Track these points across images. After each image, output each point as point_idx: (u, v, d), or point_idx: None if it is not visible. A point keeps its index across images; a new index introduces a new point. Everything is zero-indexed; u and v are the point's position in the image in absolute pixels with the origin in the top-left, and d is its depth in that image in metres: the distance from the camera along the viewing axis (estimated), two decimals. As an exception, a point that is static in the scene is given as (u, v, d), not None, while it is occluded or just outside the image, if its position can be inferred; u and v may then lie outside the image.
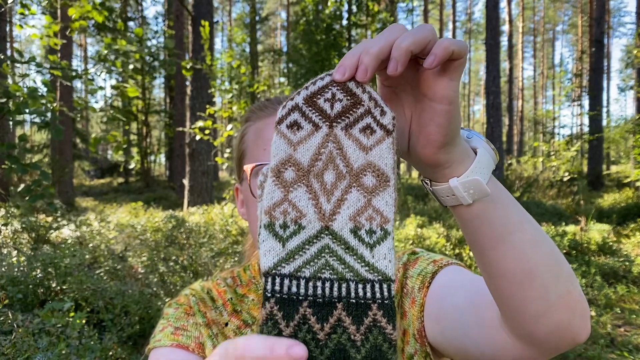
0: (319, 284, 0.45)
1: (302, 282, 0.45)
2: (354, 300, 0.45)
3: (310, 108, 0.48)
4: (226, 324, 0.86)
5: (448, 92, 0.48)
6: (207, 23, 5.76)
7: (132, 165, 18.95)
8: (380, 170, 0.47)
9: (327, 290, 0.45)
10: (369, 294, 0.45)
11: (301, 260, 0.46)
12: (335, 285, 0.45)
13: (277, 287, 0.45)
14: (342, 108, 0.48)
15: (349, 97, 0.47)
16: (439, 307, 0.72)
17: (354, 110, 0.48)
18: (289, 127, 0.48)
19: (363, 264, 0.45)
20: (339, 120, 0.48)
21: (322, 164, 0.47)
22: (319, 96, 0.48)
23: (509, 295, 0.55)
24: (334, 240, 0.46)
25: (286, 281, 0.45)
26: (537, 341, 0.56)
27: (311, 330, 0.43)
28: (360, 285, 0.45)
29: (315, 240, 0.46)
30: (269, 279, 0.45)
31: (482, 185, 0.52)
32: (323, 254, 0.46)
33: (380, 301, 0.45)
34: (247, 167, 0.80)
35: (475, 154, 0.55)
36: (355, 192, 0.47)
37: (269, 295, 0.44)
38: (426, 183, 0.58)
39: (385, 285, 0.45)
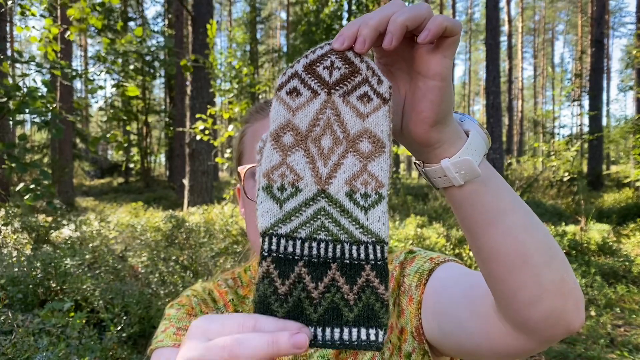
0: (314, 244, 0.47)
1: (298, 243, 0.47)
2: (347, 261, 0.46)
3: (309, 75, 0.49)
4: None
5: (441, 69, 0.49)
6: (214, 22, 5.76)
7: (131, 165, 18.94)
8: (376, 137, 0.48)
9: (322, 251, 0.46)
10: (362, 255, 0.46)
11: (297, 221, 0.47)
12: (330, 246, 0.47)
13: (273, 247, 0.46)
14: (340, 76, 0.49)
15: (347, 66, 0.49)
16: (435, 304, 0.72)
17: (352, 78, 0.49)
18: (289, 93, 0.49)
19: (357, 226, 0.47)
20: (337, 88, 0.49)
21: (319, 129, 0.48)
22: (318, 64, 0.49)
23: (502, 279, 0.55)
24: (330, 203, 0.48)
25: (282, 241, 0.47)
26: (531, 328, 0.56)
27: (305, 289, 0.45)
28: (354, 247, 0.47)
29: (311, 203, 0.48)
30: (266, 239, 0.46)
31: (473, 165, 0.53)
32: (319, 216, 0.47)
33: (373, 262, 0.46)
34: (242, 169, 0.81)
35: (468, 136, 0.55)
36: (351, 157, 0.48)
37: (266, 254, 0.46)
38: (419, 165, 0.58)
39: (378, 247, 0.47)
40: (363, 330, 0.44)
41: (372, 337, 0.44)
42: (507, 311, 0.57)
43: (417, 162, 0.59)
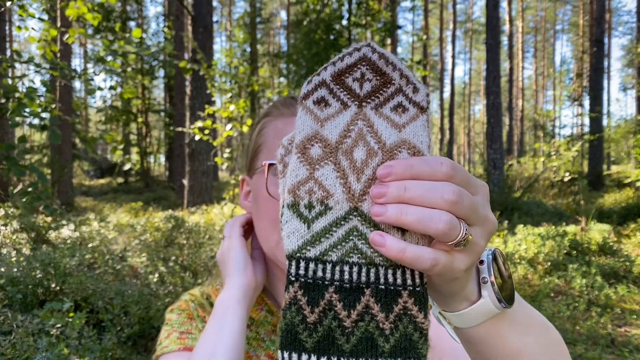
0: (346, 268, 0.43)
1: (329, 267, 0.43)
2: (383, 287, 0.42)
3: (338, 86, 0.46)
4: None
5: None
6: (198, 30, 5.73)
7: (127, 167, 18.85)
8: (416, 148, 0.44)
9: (354, 275, 0.43)
10: (399, 280, 0.43)
11: (327, 243, 0.43)
12: (364, 270, 0.43)
13: (301, 271, 0.43)
14: (371, 88, 0.45)
15: (378, 77, 0.45)
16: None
17: (384, 89, 0.45)
18: (316, 103, 0.45)
19: None
20: (368, 100, 0.45)
21: (351, 141, 0.44)
22: (347, 75, 0.46)
23: None
24: (364, 222, 0.43)
25: (311, 265, 0.43)
26: None
27: (337, 317, 0.42)
28: (390, 271, 0.43)
29: (342, 222, 0.43)
30: (293, 262, 0.43)
31: (458, 331, 0.54)
32: (351, 237, 0.43)
33: (411, 288, 0.43)
34: (267, 162, 0.76)
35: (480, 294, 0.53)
36: None
37: (293, 279, 0.42)
38: None
39: (417, 272, 0.43)
40: None
41: None
42: None
43: None
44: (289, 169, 0.44)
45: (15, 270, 3.67)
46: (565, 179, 12.23)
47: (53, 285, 3.59)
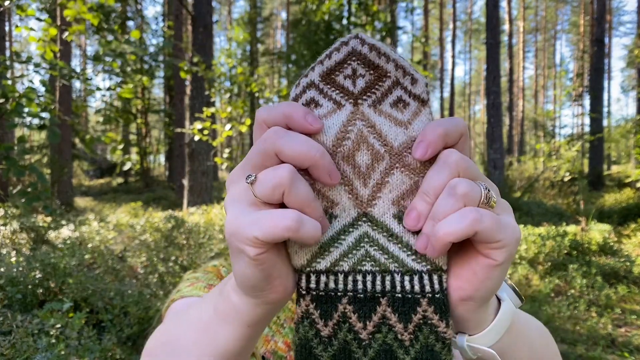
0: (359, 277, 0.40)
1: (341, 277, 0.40)
2: (399, 295, 0.39)
3: (328, 86, 0.41)
4: None
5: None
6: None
7: (127, 167, 18.82)
8: None
9: (368, 285, 0.40)
10: (417, 287, 0.40)
11: (337, 252, 0.40)
12: (378, 278, 0.40)
13: (312, 284, 0.40)
14: (365, 84, 0.41)
15: (372, 71, 0.41)
16: None
17: (380, 84, 0.41)
18: (306, 105, 0.41)
19: (409, 253, 0.40)
20: (364, 97, 0.41)
21: (351, 143, 0.40)
22: (337, 73, 0.41)
23: None
24: (374, 227, 0.40)
25: (322, 277, 0.40)
26: None
27: (352, 329, 0.39)
28: (406, 277, 0.40)
29: (351, 229, 0.40)
30: (303, 276, 0.40)
31: (494, 356, 0.48)
32: (362, 244, 0.40)
33: (430, 295, 0.39)
34: None
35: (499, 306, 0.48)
36: (399, 174, 0.40)
37: (304, 292, 0.40)
38: None
39: (435, 276, 0.40)
40: None
41: None
42: None
43: None
44: None
45: (15, 270, 3.67)
46: (566, 179, 12.21)
47: (53, 286, 3.58)
